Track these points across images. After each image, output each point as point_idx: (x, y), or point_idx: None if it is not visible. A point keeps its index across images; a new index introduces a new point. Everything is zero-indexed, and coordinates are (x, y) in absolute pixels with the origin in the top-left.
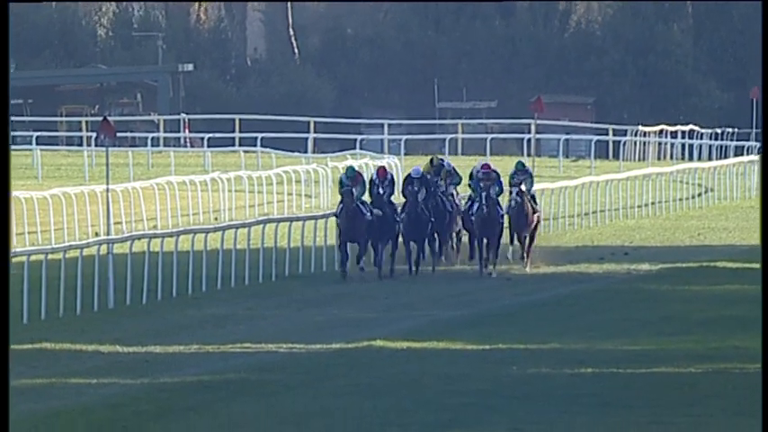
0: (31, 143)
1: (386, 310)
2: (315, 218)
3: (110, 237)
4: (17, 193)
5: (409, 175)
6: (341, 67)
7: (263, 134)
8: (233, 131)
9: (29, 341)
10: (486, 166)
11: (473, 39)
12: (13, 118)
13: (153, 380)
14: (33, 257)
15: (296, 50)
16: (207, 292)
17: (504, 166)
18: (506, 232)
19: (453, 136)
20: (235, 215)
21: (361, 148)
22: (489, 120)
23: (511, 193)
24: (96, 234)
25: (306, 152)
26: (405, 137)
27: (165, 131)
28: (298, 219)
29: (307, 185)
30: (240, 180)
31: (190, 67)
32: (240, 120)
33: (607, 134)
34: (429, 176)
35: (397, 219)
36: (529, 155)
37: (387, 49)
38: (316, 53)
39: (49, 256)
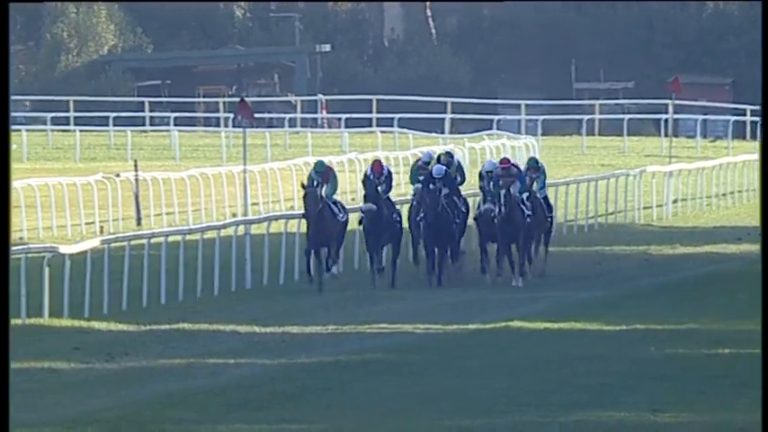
0: (168, 124)
1: (521, 291)
2: None
3: (247, 217)
4: (155, 174)
5: (430, 173)
6: (478, 48)
7: (400, 115)
8: (370, 112)
9: (167, 321)
10: (505, 161)
11: (610, 20)
12: (150, 99)
13: (290, 360)
14: (171, 238)
15: (433, 31)
16: (344, 272)
17: (641, 146)
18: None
19: (590, 116)
20: None
21: (497, 129)
22: (626, 100)
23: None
24: (234, 215)
25: (443, 133)
26: (542, 117)
27: (302, 112)
28: None
29: None
30: None
31: (327, 47)
32: (377, 100)
33: (745, 114)
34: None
35: (398, 218)
36: (666, 135)
37: (524, 30)
38: (453, 34)
39: (187, 237)
